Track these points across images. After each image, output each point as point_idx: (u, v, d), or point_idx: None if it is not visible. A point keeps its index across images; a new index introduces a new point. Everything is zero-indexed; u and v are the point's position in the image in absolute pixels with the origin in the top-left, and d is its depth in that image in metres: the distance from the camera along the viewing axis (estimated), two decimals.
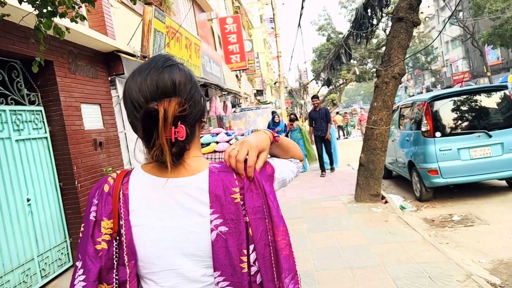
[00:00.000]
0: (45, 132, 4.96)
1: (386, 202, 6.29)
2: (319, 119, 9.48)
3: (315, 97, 10.06)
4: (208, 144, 2.11)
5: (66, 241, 5.11)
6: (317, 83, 34.56)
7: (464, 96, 6.45)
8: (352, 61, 24.20)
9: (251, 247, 0.94)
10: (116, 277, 0.95)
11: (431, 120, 6.27)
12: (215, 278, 0.93)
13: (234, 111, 15.73)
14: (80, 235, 0.98)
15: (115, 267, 0.95)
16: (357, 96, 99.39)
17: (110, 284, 0.96)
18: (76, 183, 5.12)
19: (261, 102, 27.96)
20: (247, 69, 18.63)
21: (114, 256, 0.95)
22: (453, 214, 5.74)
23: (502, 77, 32.13)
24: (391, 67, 5.92)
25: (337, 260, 4.19)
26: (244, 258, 0.93)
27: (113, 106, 6.46)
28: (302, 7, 9.84)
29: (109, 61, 6.36)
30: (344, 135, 25.69)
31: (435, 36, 44.50)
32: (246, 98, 22.32)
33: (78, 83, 5.49)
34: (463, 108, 6.40)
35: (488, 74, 34.10)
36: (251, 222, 0.94)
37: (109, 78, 6.44)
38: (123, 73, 6.41)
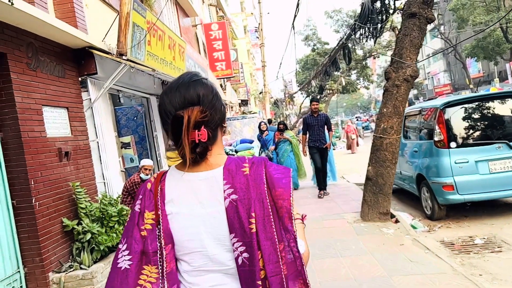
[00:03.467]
0: None
1: (397, 221, 5.55)
2: (317, 127, 7.82)
3: (315, 100, 8.39)
4: None
5: (19, 271, 4.18)
6: (302, 93, 34.16)
7: (480, 103, 5.82)
8: (336, 72, 23.82)
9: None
10: (160, 259, 1.11)
11: (445, 129, 5.61)
12: (231, 239, 1.07)
13: None
14: (126, 224, 1.17)
15: (158, 251, 1.11)
16: (339, 108, 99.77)
17: (155, 265, 1.11)
18: (33, 201, 4.20)
19: (246, 112, 27.24)
20: (233, 77, 17.90)
21: (158, 241, 1.12)
22: (474, 237, 5.04)
23: (483, 89, 32.38)
24: (402, 68, 5.25)
25: None
26: (253, 220, 1.06)
27: (84, 110, 5.58)
28: (298, 6, 9.16)
29: (79, 59, 5.50)
30: None
31: None
32: (232, 107, 21.56)
33: (40, 82, 4.61)
34: (480, 115, 5.77)
35: (471, 86, 34.36)
36: (250, 183, 1.10)
37: (80, 79, 5.57)
38: (96, 73, 5.54)
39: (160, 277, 1.11)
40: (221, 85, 17.78)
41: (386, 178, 5.51)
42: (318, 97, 27.89)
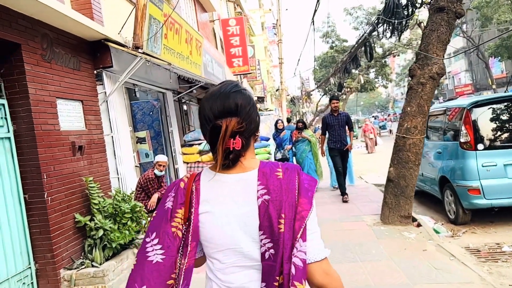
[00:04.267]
0: (8, 132, 3.99)
1: (419, 225, 5.31)
2: (338, 126, 7.35)
3: (335, 98, 7.80)
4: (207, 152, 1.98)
5: (30, 267, 4.11)
6: (319, 91, 33.74)
7: (510, 103, 5.51)
8: (354, 70, 23.41)
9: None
10: (184, 254, 1.18)
11: (472, 130, 5.34)
12: (259, 236, 1.13)
13: None
14: (152, 219, 1.24)
15: (181, 247, 1.19)
16: (356, 107, 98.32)
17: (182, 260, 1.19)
18: (45, 196, 4.13)
19: (262, 109, 27.05)
20: (250, 73, 17.71)
21: (183, 238, 1.19)
22: (502, 244, 4.77)
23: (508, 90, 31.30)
24: (428, 65, 5.00)
25: None
26: (282, 221, 1.12)
27: (99, 104, 5.50)
28: (318, 1, 8.88)
29: (95, 51, 5.41)
30: None
31: None
32: None
33: (54, 74, 4.52)
34: (510, 116, 5.46)
35: (494, 87, 33.44)
36: (283, 186, 1.15)
37: (95, 71, 5.49)
38: (112, 66, 5.45)
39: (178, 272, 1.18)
40: None
41: (409, 180, 5.27)
42: (337, 95, 27.51)
